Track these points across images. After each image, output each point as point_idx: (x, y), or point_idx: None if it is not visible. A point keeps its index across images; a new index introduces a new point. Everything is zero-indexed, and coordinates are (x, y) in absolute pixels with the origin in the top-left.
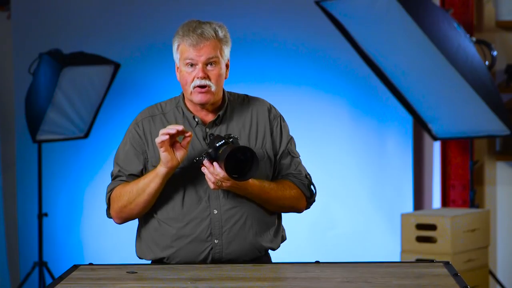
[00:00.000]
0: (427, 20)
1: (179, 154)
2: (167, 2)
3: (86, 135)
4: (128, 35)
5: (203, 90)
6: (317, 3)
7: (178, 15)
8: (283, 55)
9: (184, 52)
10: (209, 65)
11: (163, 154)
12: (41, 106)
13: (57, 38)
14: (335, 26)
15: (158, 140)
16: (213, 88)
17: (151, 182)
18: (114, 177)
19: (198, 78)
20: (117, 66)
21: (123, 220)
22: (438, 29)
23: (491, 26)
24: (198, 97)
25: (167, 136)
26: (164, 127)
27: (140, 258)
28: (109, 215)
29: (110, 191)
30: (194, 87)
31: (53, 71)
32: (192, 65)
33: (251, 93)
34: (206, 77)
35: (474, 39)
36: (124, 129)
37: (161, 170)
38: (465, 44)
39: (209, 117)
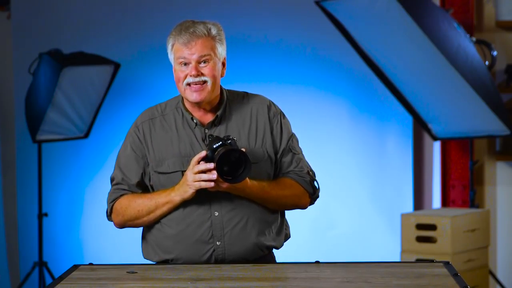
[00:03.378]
0: (427, 20)
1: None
2: (167, 2)
3: (86, 135)
4: (128, 35)
5: (197, 87)
6: (317, 3)
7: (178, 15)
8: (283, 55)
9: (177, 51)
10: (202, 63)
11: (189, 191)
12: (41, 106)
13: (57, 38)
14: (335, 26)
15: (198, 184)
16: (209, 83)
17: (163, 206)
18: (115, 183)
19: (191, 76)
20: (117, 66)
21: (124, 227)
22: (438, 29)
23: (491, 26)
24: (193, 96)
25: (212, 184)
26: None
27: (146, 259)
28: (110, 219)
29: (113, 200)
30: (187, 84)
31: (53, 71)
32: (185, 64)
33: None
34: (200, 74)
35: (474, 39)
36: (124, 129)
37: (176, 199)
38: (465, 44)
39: (208, 118)
